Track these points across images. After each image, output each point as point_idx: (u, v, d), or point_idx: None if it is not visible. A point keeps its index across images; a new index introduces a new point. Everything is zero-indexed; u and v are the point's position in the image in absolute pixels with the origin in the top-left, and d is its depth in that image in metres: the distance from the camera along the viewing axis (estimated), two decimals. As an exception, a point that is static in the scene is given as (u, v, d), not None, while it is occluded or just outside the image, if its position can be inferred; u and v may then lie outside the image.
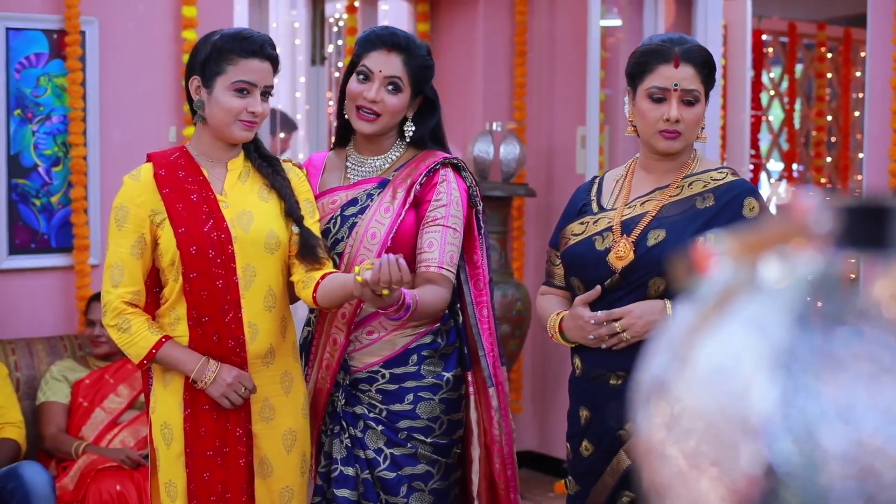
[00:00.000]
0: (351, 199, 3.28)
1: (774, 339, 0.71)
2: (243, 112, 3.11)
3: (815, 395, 0.68)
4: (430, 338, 3.28)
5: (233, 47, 3.11)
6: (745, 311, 0.73)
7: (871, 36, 4.86)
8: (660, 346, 0.80)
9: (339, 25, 6.72)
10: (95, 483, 4.43)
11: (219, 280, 3.10)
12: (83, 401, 4.77)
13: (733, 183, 2.97)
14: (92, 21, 5.22)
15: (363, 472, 3.22)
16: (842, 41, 8.23)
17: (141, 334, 3.09)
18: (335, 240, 3.26)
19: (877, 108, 4.79)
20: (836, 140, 8.36)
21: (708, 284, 0.79)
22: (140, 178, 3.15)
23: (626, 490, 2.96)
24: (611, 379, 2.96)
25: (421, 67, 3.26)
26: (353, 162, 3.35)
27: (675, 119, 2.92)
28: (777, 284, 0.75)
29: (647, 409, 0.77)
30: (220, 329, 3.11)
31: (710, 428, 0.71)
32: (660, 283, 2.90)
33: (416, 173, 3.24)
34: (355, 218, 3.24)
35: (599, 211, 3.07)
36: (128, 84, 5.37)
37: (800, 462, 0.68)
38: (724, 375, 0.71)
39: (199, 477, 3.12)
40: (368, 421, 3.24)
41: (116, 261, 3.12)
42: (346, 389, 3.28)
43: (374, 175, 3.31)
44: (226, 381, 3.07)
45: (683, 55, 2.93)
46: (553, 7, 6.25)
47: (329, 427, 3.31)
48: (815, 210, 0.76)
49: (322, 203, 3.31)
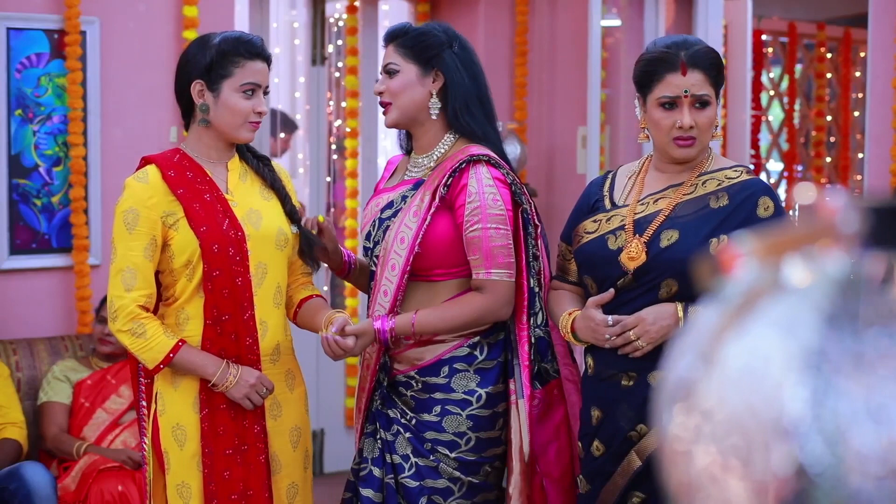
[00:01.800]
0: (388, 201, 3.24)
1: (804, 339, 0.71)
2: (251, 113, 3.16)
3: (846, 396, 0.68)
4: (467, 350, 3.15)
5: (238, 50, 3.15)
6: (774, 312, 0.73)
7: (871, 36, 4.86)
8: (685, 347, 0.80)
9: (338, 25, 6.72)
10: (97, 483, 4.42)
11: (238, 278, 3.14)
12: (85, 401, 4.77)
13: (748, 182, 2.95)
14: (93, 21, 5.21)
15: (388, 475, 3.17)
16: (841, 41, 8.23)
17: (157, 339, 3.10)
18: (375, 242, 3.23)
19: (878, 108, 4.79)
20: (835, 140, 8.37)
21: (733, 285, 0.79)
22: (149, 180, 3.15)
23: (636, 490, 2.95)
24: (623, 379, 2.96)
25: (414, 43, 3.19)
26: (410, 164, 3.30)
27: (688, 125, 2.90)
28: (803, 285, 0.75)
29: (672, 410, 0.77)
30: (238, 327, 3.14)
31: (740, 428, 0.70)
32: (672, 285, 2.88)
33: (442, 174, 3.12)
34: (389, 221, 3.19)
35: (612, 208, 3.05)
36: (128, 84, 5.36)
37: (831, 462, 0.68)
38: (754, 376, 0.71)
39: (218, 476, 3.13)
40: (399, 426, 3.18)
41: (128, 264, 3.12)
42: (384, 391, 3.24)
43: (419, 175, 3.24)
44: (249, 383, 3.10)
45: (690, 61, 2.91)
46: (554, 7, 6.24)
47: (366, 425, 3.27)
48: (842, 210, 0.75)
49: (370, 206, 3.31)
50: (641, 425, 2.92)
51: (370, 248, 3.25)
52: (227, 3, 5.58)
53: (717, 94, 2.97)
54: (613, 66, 6.01)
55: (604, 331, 2.92)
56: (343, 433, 6.42)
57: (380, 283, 3.17)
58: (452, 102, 3.16)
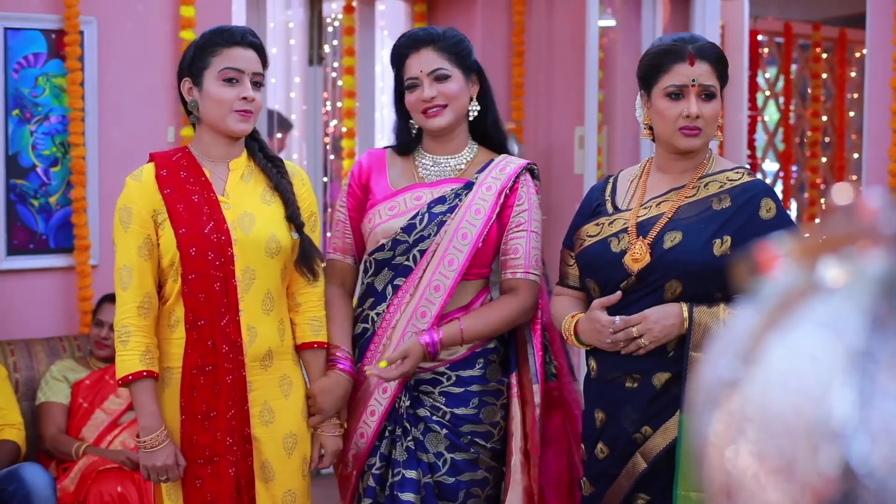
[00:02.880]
0: (438, 196, 3.24)
1: (849, 340, 0.71)
2: (236, 101, 3.08)
3: (893, 397, 0.68)
4: (495, 343, 3.29)
5: (215, 40, 3.11)
6: (817, 313, 0.73)
7: (870, 36, 4.87)
8: (722, 348, 0.79)
9: (334, 26, 6.72)
10: (96, 484, 4.41)
11: (217, 283, 3.07)
12: (83, 401, 4.75)
13: (750, 184, 2.96)
14: (90, 21, 5.21)
15: (425, 475, 3.20)
16: (837, 41, 8.25)
17: (130, 355, 3.05)
18: (420, 236, 3.22)
19: (876, 108, 4.80)
20: (830, 140, 8.38)
21: (770, 286, 0.79)
22: (142, 178, 3.12)
23: (641, 493, 2.95)
24: (626, 381, 2.95)
25: (457, 49, 3.25)
26: (425, 162, 3.32)
27: (695, 115, 2.91)
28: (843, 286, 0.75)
29: (711, 412, 0.77)
30: (215, 333, 3.07)
31: (785, 429, 0.70)
32: (676, 286, 2.88)
33: (505, 178, 3.24)
34: (444, 216, 3.21)
35: (614, 211, 3.05)
36: (126, 84, 5.35)
37: (878, 463, 0.67)
38: (799, 377, 0.71)
39: (191, 483, 3.11)
40: (431, 424, 3.22)
41: (125, 263, 3.08)
42: (410, 391, 3.25)
43: (451, 175, 3.30)
44: (156, 463, 3.05)
45: (698, 52, 2.94)
46: (551, 7, 6.25)
47: (388, 429, 3.26)
48: (882, 210, 0.75)
49: (403, 198, 3.27)
50: (646, 427, 2.92)
51: (409, 243, 3.23)
52: (224, 3, 5.58)
53: (721, 90, 2.98)
54: (610, 66, 6.02)
55: (608, 332, 2.91)
56: (340, 433, 6.41)
57: (430, 278, 3.20)
58: (490, 109, 3.34)
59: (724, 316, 2.83)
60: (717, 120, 2.97)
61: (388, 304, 3.25)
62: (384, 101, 6.64)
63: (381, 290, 3.27)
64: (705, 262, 2.86)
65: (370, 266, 3.30)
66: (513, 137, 5.99)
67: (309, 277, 3.21)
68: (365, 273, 3.33)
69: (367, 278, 3.32)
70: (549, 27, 6.26)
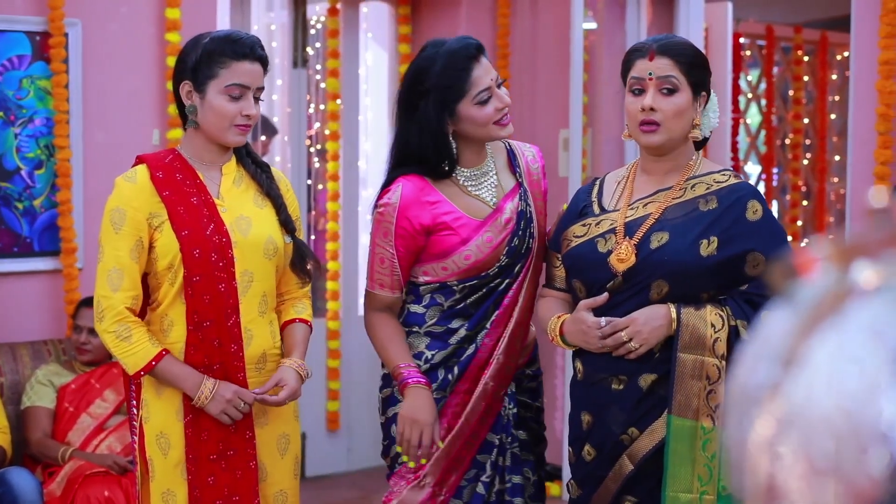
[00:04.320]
0: (519, 210, 3.16)
1: (892, 342, 0.71)
2: (238, 116, 3.08)
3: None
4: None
5: (224, 50, 3.07)
6: (861, 316, 0.73)
7: (855, 39, 4.89)
8: (760, 351, 0.79)
9: (317, 28, 6.70)
10: (83, 489, 4.40)
11: (221, 284, 3.08)
12: (69, 406, 4.73)
13: (736, 185, 2.97)
14: (75, 23, 5.19)
15: (533, 475, 3.23)
16: (818, 44, 8.28)
17: (141, 344, 3.06)
18: (519, 254, 3.17)
19: (861, 110, 4.82)
20: (811, 143, 8.42)
21: (808, 289, 0.79)
22: (136, 180, 3.11)
23: (628, 495, 2.95)
24: (612, 383, 2.95)
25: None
26: (469, 177, 3.16)
27: (648, 106, 2.90)
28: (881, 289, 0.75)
29: (751, 414, 0.77)
30: (221, 334, 3.09)
31: (831, 432, 0.70)
32: (663, 286, 2.89)
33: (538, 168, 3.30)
34: (531, 227, 3.18)
35: (601, 212, 3.05)
36: (111, 86, 5.34)
37: (927, 466, 0.68)
38: (845, 379, 0.71)
39: (203, 482, 3.10)
40: (531, 424, 3.27)
41: (115, 264, 3.07)
42: (512, 396, 3.22)
43: (493, 181, 3.19)
44: (225, 398, 3.05)
45: (659, 48, 2.94)
46: (535, 10, 6.25)
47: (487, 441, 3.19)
48: (921, 213, 0.76)
49: (494, 224, 3.12)
50: (633, 429, 2.92)
51: (512, 265, 3.17)
52: (209, 6, 5.57)
53: (693, 86, 2.95)
54: (595, 69, 6.02)
55: (595, 333, 2.91)
56: (325, 437, 6.41)
57: (528, 290, 3.24)
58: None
59: (711, 318, 2.84)
60: (680, 115, 2.93)
61: (491, 322, 3.14)
62: (367, 103, 6.62)
63: (479, 311, 3.15)
64: (692, 263, 2.86)
65: (460, 291, 3.14)
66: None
67: (305, 278, 3.26)
68: (448, 296, 3.14)
69: (451, 302, 3.14)
70: (534, 30, 6.27)
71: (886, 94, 4.65)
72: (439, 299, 3.13)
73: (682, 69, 2.92)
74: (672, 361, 2.85)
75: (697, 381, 2.83)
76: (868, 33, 4.76)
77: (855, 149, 4.85)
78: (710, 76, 3.04)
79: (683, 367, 2.84)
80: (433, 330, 3.13)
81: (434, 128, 3.04)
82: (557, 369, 6.18)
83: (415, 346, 3.14)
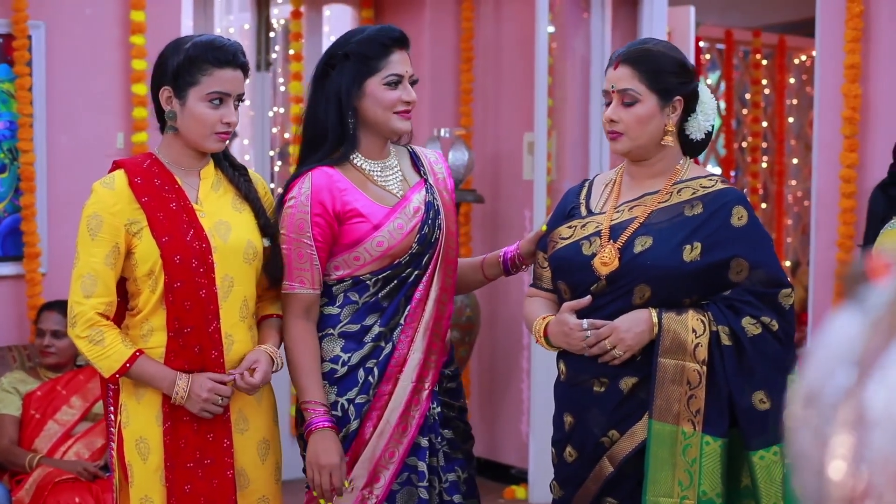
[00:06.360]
0: (427, 200, 3.21)
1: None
2: (218, 123, 3.05)
3: None
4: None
5: (206, 57, 3.04)
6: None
7: (820, 43, 4.93)
8: (831, 355, 0.79)
9: (276, 31, 6.68)
10: (53, 496, 4.36)
11: (202, 290, 3.06)
12: (35, 413, 4.68)
13: (722, 191, 2.98)
14: (39, 25, 5.14)
15: (463, 472, 3.24)
16: (776, 48, 8.35)
17: (114, 347, 3.03)
18: (429, 243, 3.20)
19: (826, 114, 4.86)
20: (769, 145, 8.49)
21: (879, 294, 0.79)
22: (115, 186, 3.08)
23: (608, 496, 2.96)
24: (594, 385, 2.96)
25: None
26: (375, 168, 3.21)
27: (608, 119, 2.97)
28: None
29: (829, 419, 0.77)
30: (202, 340, 3.06)
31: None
32: (645, 290, 2.90)
33: (441, 159, 3.37)
34: (438, 218, 3.22)
35: (588, 214, 3.06)
36: (75, 89, 5.28)
37: None
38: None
39: (179, 490, 3.07)
40: (456, 422, 3.28)
41: (89, 270, 3.04)
42: (436, 396, 3.24)
43: (398, 176, 3.24)
44: (201, 396, 3.03)
45: (623, 57, 2.97)
46: (499, 13, 6.26)
47: (417, 444, 3.20)
48: None
49: (404, 211, 3.17)
50: (613, 431, 2.93)
51: (422, 254, 3.19)
52: (173, 8, 5.53)
53: (658, 93, 2.96)
54: (559, 72, 6.03)
55: (577, 335, 2.92)
56: (288, 441, 6.36)
57: (440, 282, 3.25)
58: None
59: (692, 323, 2.85)
60: (642, 125, 2.95)
61: (405, 317, 3.17)
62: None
63: (391, 306, 3.17)
64: (674, 268, 2.87)
65: (373, 285, 3.16)
66: (461, 143, 5.99)
67: (272, 283, 3.20)
68: (362, 292, 3.16)
69: (366, 298, 3.16)
70: (498, 33, 6.27)
71: (851, 97, 4.69)
72: (353, 297, 3.16)
73: (644, 78, 2.94)
74: (653, 366, 2.86)
75: (678, 385, 2.84)
76: (833, 37, 4.80)
77: (820, 152, 4.89)
78: (691, 80, 3.03)
79: (664, 371, 2.85)
80: (348, 329, 3.16)
81: (340, 98, 3.10)
82: (523, 373, 6.20)
83: (329, 351, 3.16)
